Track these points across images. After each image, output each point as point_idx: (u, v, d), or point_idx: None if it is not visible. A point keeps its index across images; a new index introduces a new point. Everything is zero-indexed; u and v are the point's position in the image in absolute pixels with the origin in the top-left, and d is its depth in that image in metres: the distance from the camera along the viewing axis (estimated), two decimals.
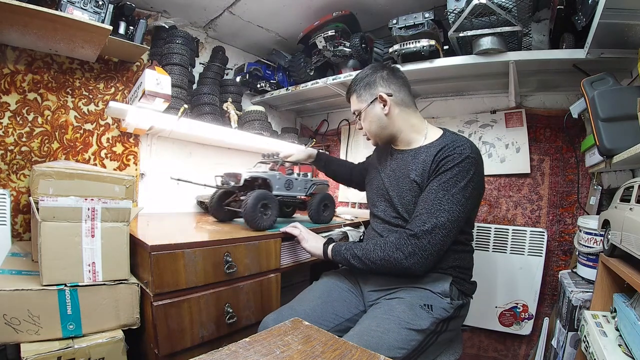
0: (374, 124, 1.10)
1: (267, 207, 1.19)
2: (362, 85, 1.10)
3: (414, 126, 1.09)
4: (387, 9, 1.71)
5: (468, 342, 1.76)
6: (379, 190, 1.14)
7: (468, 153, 0.93)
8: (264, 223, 1.18)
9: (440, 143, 1.00)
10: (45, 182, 0.88)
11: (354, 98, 1.13)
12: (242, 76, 2.01)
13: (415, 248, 0.89)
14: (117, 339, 0.89)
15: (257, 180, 1.26)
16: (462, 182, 0.91)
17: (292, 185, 1.37)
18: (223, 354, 0.50)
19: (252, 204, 1.13)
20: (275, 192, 1.27)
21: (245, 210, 1.14)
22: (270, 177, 1.27)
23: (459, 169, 0.92)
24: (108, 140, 1.57)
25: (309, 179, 1.46)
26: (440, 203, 0.90)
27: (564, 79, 1.51)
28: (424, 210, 0.92)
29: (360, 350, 0.53)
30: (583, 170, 1.56)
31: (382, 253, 0.94)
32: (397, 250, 0.91)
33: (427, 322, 0.87)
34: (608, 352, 0.76)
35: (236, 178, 1.22)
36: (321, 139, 2.46)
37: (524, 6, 1.25)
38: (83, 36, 1.25)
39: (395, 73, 1.11)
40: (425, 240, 0.89)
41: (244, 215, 1.15)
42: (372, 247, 0.97)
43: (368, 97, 1.09)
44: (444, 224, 0.89)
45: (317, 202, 1.43)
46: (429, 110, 2.01)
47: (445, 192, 0.91)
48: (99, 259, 0.90)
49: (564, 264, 1.61)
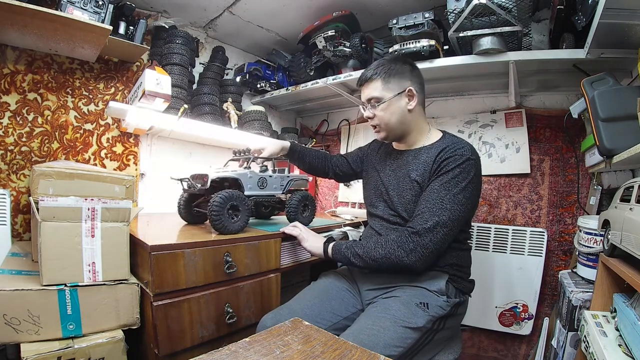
0: (394, 116, 1.04)
1: (236, 209, 1.09)
2: (391, 73, 1.03)
3: (423, 128, 1.09)
4: (387, 9, 1.71)
5: (468, 342, 1.76)
6: (377, 190, 1.14)
7: (469, 155, 0.95)
8: (233, 227, 1.08)
9: (441, 144, 1.01)
10: (45, 182, 0.88)
11: (376, 84, 1.03)
12: (242, 76, 2.01)
13: (416, 245, 0.90)
14: (117, 339, 0.89)
15: (227, 180, 1.16)
16: (463, 182, 0.93)
17: (267, 183, 1.26)
18: (223, 354, 0.50)
19: (218, 207, 1.03)
20: (247, 192, 1.17)
21: (210, 214, 1.04)
22: (241, 177, 1.16)
23: (460, 170, 0.93)
24: (108, 140, 1.57)
25: (285, 175, 1.33)
26: (442, 202, 0.91)
27: (564, 79, 1.51)
28: (426, 209, 0.92)
29: (360, 350, 0.53)
30: (583, 170, 1.56)
31: (383, 251, 0.94)
32: (399, 247, 0.92)
33: (423, 320, 0.87)
34: (608, 352, 0.76)
35: (203, 180, 1.12)
36: (321, 139, 2.46)
37: (524, 6, 1.25)
38: (83, 36, 1.25)
39: (419, 72, 1.09)
40: (427, 238, 0.90)
41: (209, 219, 1.05)
42: (373, 246, 0.97)
43: (396, 87, 1.03)
44: (446, 223, 0.90)
45: (297, 202, 1.30)
46: (429, 110, 1.98)
47: (447, 192, 0.92)
48: (99, 259, 0.90)
49: (564, 264, 1.61)
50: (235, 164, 1.34)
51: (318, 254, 1.11)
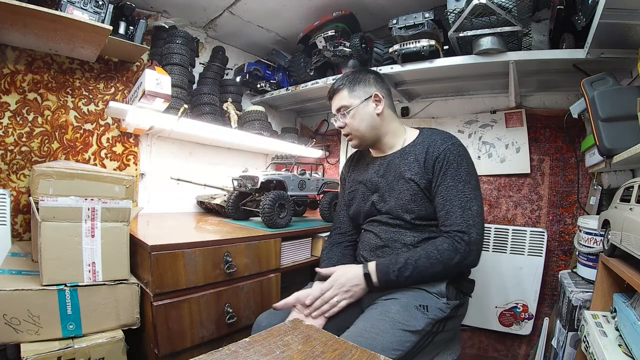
0: (364, 122, 1.07)
1: (283, 207, 1.28)
2: (356, 82, 1.08)
3: (397, 130, 1.11)
4: (387, 9, 1.71)
5: (468, 342, 1.76)
6: (367, 200, 1.10)
7: (457, 141, 1.00)
8: (281, 222, 1.27)
9: (424, 140, 1.04)
10: (45, 182, 0.88)
11: (343, 94, 1.09)
12: (242, 76, 2.01)
13: (469, 245, 0.91)
14: (117, 339, 0.89)
15: (273, 182, 1.34)
16: (470, 168, 0.97)
17: (305, 185, 1.46)
18: (223, 354, 0.50)
19: (269, 205, 1.22)
20: (290, 193, 1.36)
21: (263, 211, 1.22)
22: (285, 179, 1.36)
23: (460, 158, 0.97)
24: (108, 140, 1.57)
25: (320, 178, 1.52)
26: (465, 194, 0.94)
27: (564, 79, 1.51)
28: (456, 207, 0.94)
29: (360, 350, 0.53)
30: (583, 170, 1.56)
31: (441, 265, 0.91)
32: (456, 254, 0.91)
33: (422, 323, 0.87)
34: (608, 352, 0.76)
35: (253, 180, 1.31)
36: (321, 139, 2.46)
37: (524, 6, 1.25)
38: (83, 36, 1.25)
39: (383, 79, 1.14)
40: (474, 233, 0.91)
41: (262, 216, 1.24)
42: (426, 264, 0.90)
43: (362, 94, 1.07)
44: (478, 211, 0.93)
45: (328, 201, 1.51)
46: (429, 110, 2.01)
47: (464, 184, 0.95)
48: (99, 259, 0.90)
49: (564, 264, 1.61)
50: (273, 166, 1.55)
51: (360, 288, 0.95)
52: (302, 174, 1.46)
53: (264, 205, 1.22)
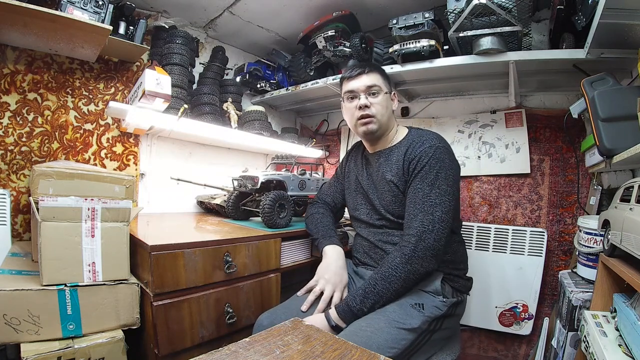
0: (387, 111, 1.09)
1: (283, 207, 1.28)
2: (385, 74, 1.12)
3: (394, 129, 1.14)
4: (387, 9, 1.71)
5: (468, 342, 1.76)
6: (358, 194, 1.17)
7: (437, 144, 0.98)
8: (281, 222, 1.27)
9: (407, 141, 1.05)
10: (45, 182, 0.88)
11: (377, 76, 1.08)
12: (242, 76, 2.01)
13: (424, 251, 0.89)
14: (117, 339, 0.89)
15: (273, 182, 1.34)
16: (441, 172, 0.94)
17: (305, 186, 1.46)
18: (223, 354, 0.50)
19: (269, 205, 1.22)
20: (290, 193, 1.36)
21: (263, 211, 1.22)
22: (285, 179, 1.36)
23: (435, 161, 0.95)
24: (108, 140, 1.57)
25: (320, 178, 1.51)
26: (430, 199, 0.92)
27: (564, 79, 1.51)
28: (418, 211, 0.93)
29: (360, 350, 0.53)
30: (583, 170, 1.56)
31: (400, 281, 0.89)
32: (410, 263, 0.89)
33: (418, 321, 0.87)
34: (608, 352, 0.76)
35: (253, 180, 1.31)
36: (321, 139, 2.46)
37: (524, 6, 1.25)
38: (83, 36, 1.25)
39: None
40: (431, 239, 0.90)
41: (262, 216, 1.23)
42: (386, 281, 0.89)
43: (389, 87, 1.11)
44: (441, 217, 0.91)
45: None
46: (429, 110, 2.01)
47: (431, 187, 0.93)
48: (99, 259, 0.90)
49: (564, 264, 1.61)
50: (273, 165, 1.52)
51: (324, 327, 0.89)
52: (302, 174, 1.45)
53: (264, 205, 1.23)
